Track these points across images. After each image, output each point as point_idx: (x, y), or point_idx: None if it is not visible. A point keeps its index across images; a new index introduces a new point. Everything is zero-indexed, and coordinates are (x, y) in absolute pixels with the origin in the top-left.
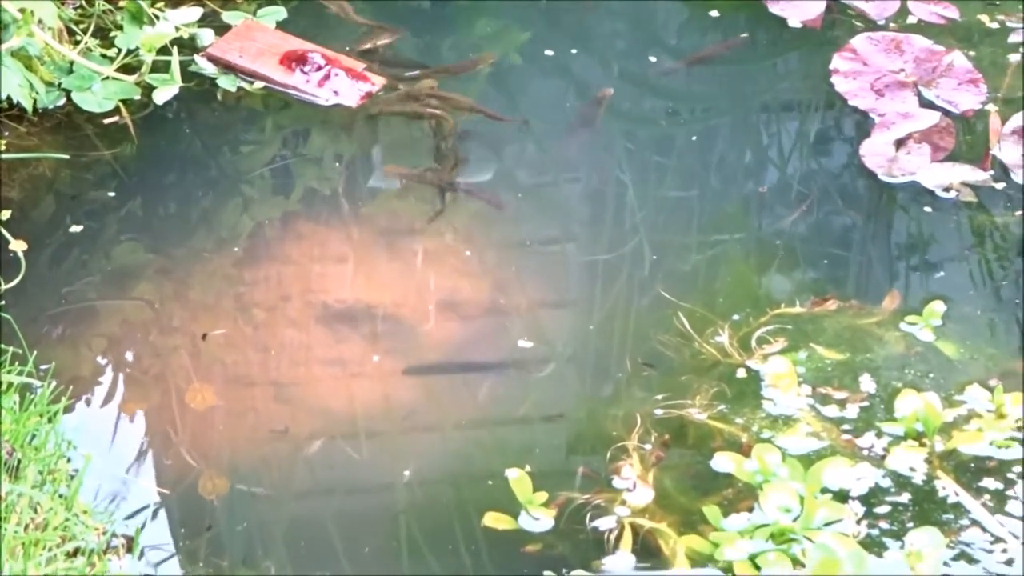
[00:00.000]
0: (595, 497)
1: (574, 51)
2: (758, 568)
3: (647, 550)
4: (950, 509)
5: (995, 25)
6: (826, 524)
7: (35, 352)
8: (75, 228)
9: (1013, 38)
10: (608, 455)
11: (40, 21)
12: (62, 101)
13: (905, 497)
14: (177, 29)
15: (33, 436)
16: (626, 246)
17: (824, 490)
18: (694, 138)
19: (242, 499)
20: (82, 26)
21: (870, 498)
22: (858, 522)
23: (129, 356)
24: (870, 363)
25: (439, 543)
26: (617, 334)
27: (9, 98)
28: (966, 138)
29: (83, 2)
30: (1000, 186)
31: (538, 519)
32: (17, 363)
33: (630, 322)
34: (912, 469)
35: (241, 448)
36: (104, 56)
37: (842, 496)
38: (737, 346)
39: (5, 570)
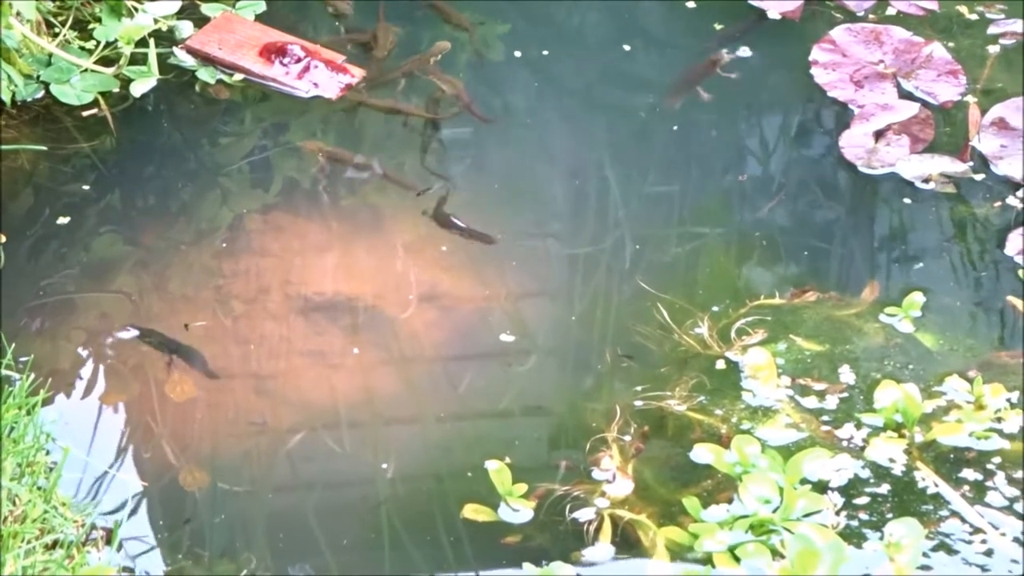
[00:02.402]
0: (575, 489)
1: (551, 43)
2: (737, 559)
3: (627, 541)
4: (929, 500)
5: (974, 16)
6: (805, 515)
7: (13, 344)
8: (54, 221)
9: (992, 29)
10: (588, 447)
11: (18, 13)
12: (41, 94)
13: (884, 488)
14: (156, 21)
15: (11, 429)
16: (607, 238)
17: (803, 481)
18: (675, 128)
19: (222, 491)
20: (60, 18)
21: (849, 489)
22: (837, 513)
23: (108, 348)
24: (849, 354)
25: (419, 535)
26: (598, 326)
27: None
28: (945, 129)
29: None
30: (979, 177)
31: (518, 511)
32: None
33: (611, 314)
34: (891, 460)
35: (221, 440)
36: (83, 48)
37: (821, 487)
38: (717, 337)
39: None
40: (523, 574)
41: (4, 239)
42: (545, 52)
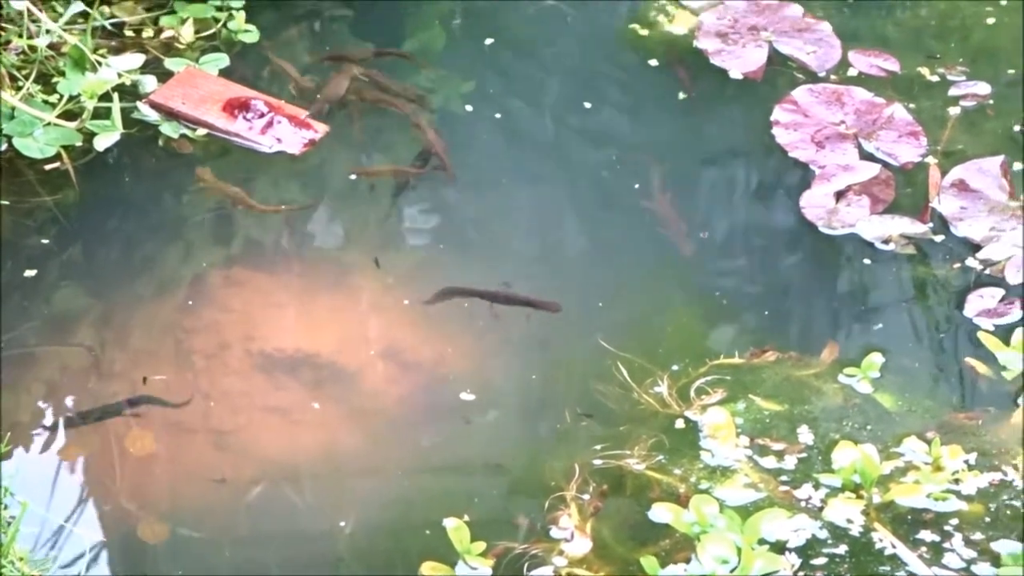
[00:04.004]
0: (533, 547)
1: (515, 99)
2: None
3: None
4: (887, 561)
5: (935, 78)
6: (763, 575)
7: None
8: (16, 274)
9: (953, 91)
10: (546, 505)
11: None
12: (3, 147)
13: (842, 549)
14: (119, 75)
15: None
16: (569, 296)
17: (761, 541)
18: (636, 187)
19: (181, 546)
20: (24, 72)
21: (807, 549)
22: (795, 574)
23: (69, 402)
24: (808, 414)
25: None
26: (558, 384)
27: None
28: (906, 190)
29: (25, 48)
30: (939, 238)
31: (476, 568)
32: None
33: (571, 372)
34: (849, 521)
35: (181, 495)
36: (46, 102)
37: (779, 547)
38: (676, 396)
39: None
40: None
41: None
42: (506, 109)
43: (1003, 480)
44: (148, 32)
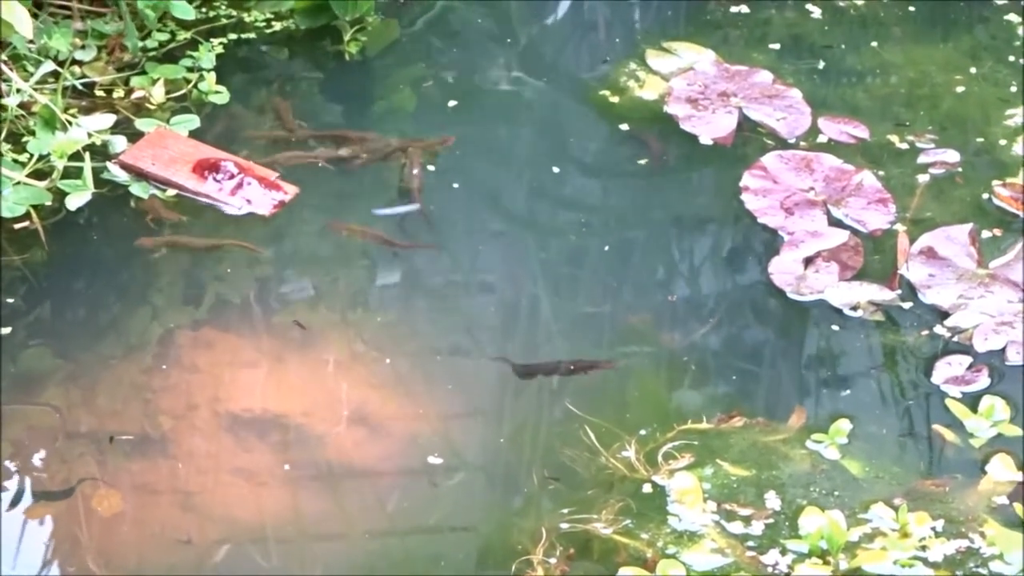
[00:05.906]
0: None
1: (484, 163)
2: None
3: None
4: None
5: (904, 146)
6: None
7: None
8: None
9: (922, 158)
10: (513, 568)
11: None
12: None
13: None
14: (90, 135)
15: None
16: (537, 358)
17: None
18: (606, 248)
19: None
20: None
21: None
22: None
23: (35, 461)
24: (776, 480)
25: None
26: (526, 448)
27: None
28: (874, 257)
29: None
30: (907, 305)
31: None
32: None
33: (539, 436)
34: None
35: (147, 555)
36: (16, 161)
37: None
38: (644, 461)
39: None
40: None
41: None
42: (474, 172)
43: (970, 547)
44: (119, 92)
